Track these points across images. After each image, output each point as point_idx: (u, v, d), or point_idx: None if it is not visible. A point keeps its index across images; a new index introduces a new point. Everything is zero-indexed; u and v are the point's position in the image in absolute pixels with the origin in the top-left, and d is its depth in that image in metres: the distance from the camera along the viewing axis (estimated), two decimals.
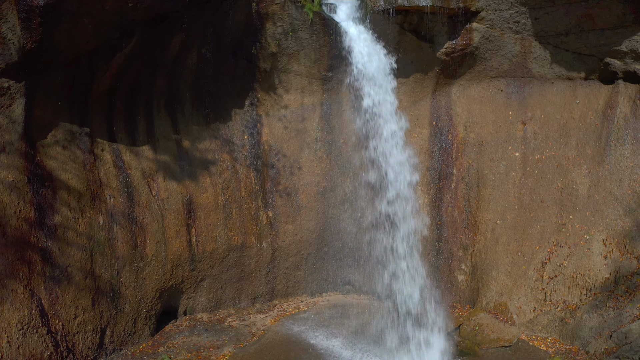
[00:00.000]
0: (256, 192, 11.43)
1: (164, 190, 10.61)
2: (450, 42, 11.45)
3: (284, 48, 11.35)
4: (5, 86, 9.06)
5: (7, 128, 9.14)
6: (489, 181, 11.67)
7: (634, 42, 10.98)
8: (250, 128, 11.60)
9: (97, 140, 10.14)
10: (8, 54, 8.85)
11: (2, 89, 9.04)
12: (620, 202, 10.88)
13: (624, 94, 11.37)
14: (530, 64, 11.85)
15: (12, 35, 8.77)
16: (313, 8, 11.10)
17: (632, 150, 11.02)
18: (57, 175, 9.53)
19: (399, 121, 11.10)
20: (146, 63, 10.38)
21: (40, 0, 8.46)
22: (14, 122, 9.22)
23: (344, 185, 11.75)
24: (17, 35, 8.73)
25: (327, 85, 11.81)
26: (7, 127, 9.14)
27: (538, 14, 11.28)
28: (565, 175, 11.34)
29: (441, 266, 11.74)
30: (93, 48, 9.43)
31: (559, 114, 11.76)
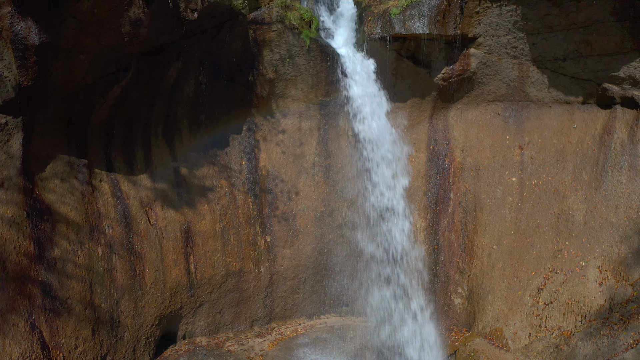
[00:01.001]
0: (254, 217, 11.51)
1: (162, 218, 10.70)
2: (447, 68, 11.43)
3: (281, 74, 11.36)
4: (2, 122, 9.11)
5: (5, 163, 9.21)
6: (486, 206, 11.72)
7: (632, 69, 10.95)
8: (247, 153, 11.65)
9: (95, 171, 10.21)
10: (5, 90, 8.89)
11: (0, 125, 9.11)
12: (617, 228, 10.92)
13: (621, 119, 11.36)
14: (528, 88, 11.83)
15: (8, 73, 8.80)
16: (310, 34, 11.08)
17: (629, 176, 11.04)
18: (56, 208, 9.61)
19: (395, 147, 11.20)
20: (143, 92, 10.41)
21: (35, 39, 8.48)
22: (12, 157, 9.29)
23: (341, 210, 11.81)
24: (13, 72, 8.77)
25: (324, 110, 11.82)
26: (5, 163, 9.21)
27: (536, 40, 11.24)
28: (561, 201, 11.38)
29: (438, 289, 11.84)
30: (89, 83, 9.47)
31: (556, 138, 11.76)
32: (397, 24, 10.68)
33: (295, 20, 10.97)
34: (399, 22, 10.68)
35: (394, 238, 11.44)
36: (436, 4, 10.63)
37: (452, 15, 10.81)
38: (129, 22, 9.18)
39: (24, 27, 8.40)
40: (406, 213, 11.34)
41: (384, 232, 11.48)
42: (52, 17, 8.46)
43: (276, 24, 10.92)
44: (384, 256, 11.55)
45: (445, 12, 10.73)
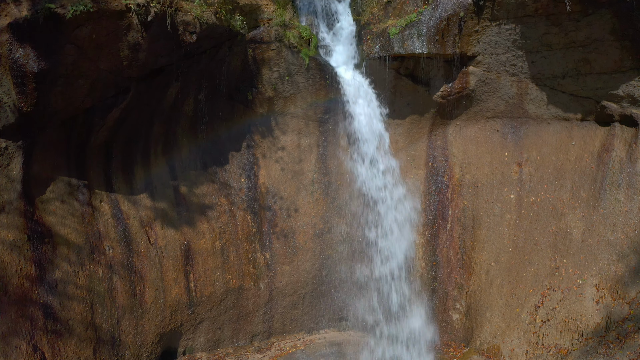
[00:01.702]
0: (253, 234, 11.58)
1: (162, 238, 10.77)
2: (446, 86, 11.43)
3: (280, 92, 11.37)
4: (2, 147, 9.18)
5: (5, 187, 9.28)
6: (484, 223, 11.77)
7: (630, 87, 10.94)
8: (247, 170, 11.70)
9: (95, 192, 10.27)
10: (4, 116, 8.95)
11: (0, 149, 9.17)
12: (614, 247, 10.97)
13: (620, 137, 11.36)
14: (527, 105, 11.83)
15: (8, 99, 8.85)
16: (309, 53, 11.09)
17: (627, 195, 11.07)
18: (57, 230, 9.69)
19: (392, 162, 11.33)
20: (142, 113, 10.45)
21: (34, 67, 8.52)
22: (12, 180, 9.35)
23: (340, 227, 11.88)
24: (12, 98, 8.83)
25: (323, 127, 11.85)
26: (5, 187, 9.28)
27: (535, 58, 11.22)
28: (559, 218, 11.42)
29: (436, 305, 11.92)
30: (89, 106, 9.51)
31: (554, 155, 11.78)
32: (396, 44, 10.67)
33: (294, 39, 10.97)
34: (398, 41, 10.67)
35: (393, 254, 11.54)
36: (435, 24, 10.61)
37: (451, 35, 10.79)
38: (127, 46, 9.21)
39: (23, 54, 8.45)
40: (405, 229, 11.42)
41: (382, 248, 11.57)
42: (51, 44, 8.50)
43: (275, 43, 10.92)
44: (383, 272, 11.65)
45: (444, 31, 10.71)
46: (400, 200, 11.67)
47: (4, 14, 8.27)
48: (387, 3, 11.40)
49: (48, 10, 8.19)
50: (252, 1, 10.69)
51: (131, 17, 8.98)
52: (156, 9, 9.12)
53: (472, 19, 10.74)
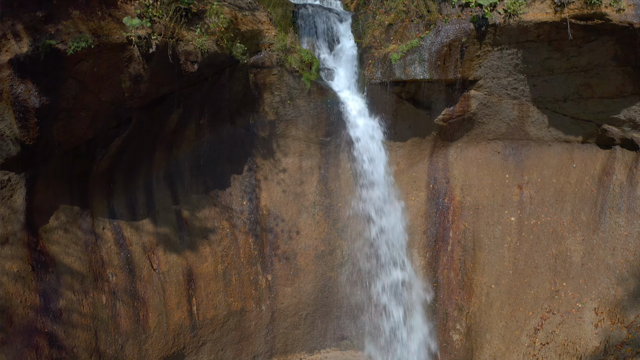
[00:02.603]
0: (255, 257, 11.65)
1: (164, 263, 10.85)
2: (447, 109, 11.43)
3: (282, 115, 11.39)
4: (5, 179, 9.21)
5: (9, 219, 9.32)
6: (485, 245, 11.84)
7: (632, 112, 10.95)
8: (249, 193, 11.74)
9: (98, 219, 10.32)
10: (7, 148, 8.96)
11: (3, 181, 9.18)
12: (613, 271, 11.05)
13: (620, 160, 11.39)
14: (528, 128, 11.84)
15: (10, 132, 8.85)
16: (310, 77, 11.07)
17: (627, 219, 11.12)
18: (60, 259, 9.75)
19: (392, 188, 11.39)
20: (144, 139, 10.46)
21: (35, 102, 8.51)
22: (15, 212, 9.39)
23: (341, 249, 11.95)
24: (14, 132, 8.83)
25: (325, 149, 11.87)
26: (9, 218, 9.32)
27: (536, 82, 11.21)
28: (559, 241, 11.48)
29: (437, 325, 12.03)
30: (91, 137, 9.52)
31: (555, 177, 11.82)
32: (397, 70, 10.65)
33: (295, 64, 10.94)
34: (400, 67, 10.65)
35: (393, 275, 11.65)
36: (437, 49, 10.58)
37: (453, 60, 10.77)
38: (129, 78, 9.20)
39: (24, 89, 8.43)
40: (405, 252, 11.52)
41: (384, 270, 11.67)
42: (52, 79, 8.49)
43: (276, 68, 10.90)
44: (384, 293, 11.77)
45: (445, 56, 10.69)
46: (401, 222, 11.75)
47: (4, 50, 8.24)
48: (388, 26, 11.36)
49: (49, 47, 8.16)
50: (254, 27, 10.65)
51: (132, 49, 8.97)
52: (157, 40, 9.10)
53: (474, 44, 10.71)
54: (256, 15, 10.86)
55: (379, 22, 11.54)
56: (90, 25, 8.64)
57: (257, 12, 10.89)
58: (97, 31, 8.68)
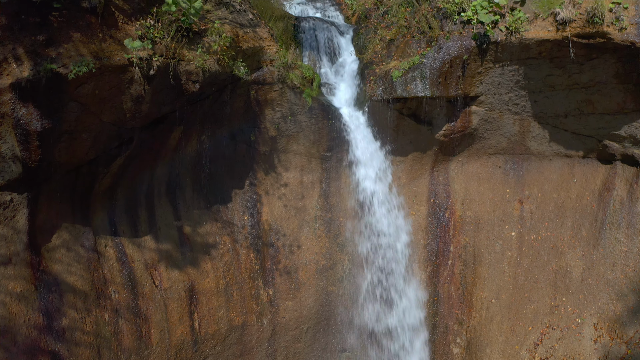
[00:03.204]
0: (256, 272, 11.71)
1: (166, 279, 10.90)
2: (449, 125, 11.42)
3: (283, 130, 11.39)
4: (7, 199, 9.24)
5: (12, 239, 9.36)
6: (485, 260, 11.88)
7: (632, 129, 10.96)
8: (250, 208, 11.77)
9: (100, 237, 10.36)
10: (9, 170, 8.99)
11: (5, 202, 9.21)
12: (613, 286, 11.11)
13: (621, 175, 11.41)
14: (529, 142, 11.85)
15: (12, 154, 8.87)
16: (312, 93, 11.07)
17: (627, 234, 11.16)
18: (63, 278, 9.80)
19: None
20: (146, 157, 10.48)
21: (37, 126, 8.52)
22: (18, 232, 9.43)
23: (342, 263, 12.00)
24: (16, 154, 8.85)
25: (326, 163, 11.88)
26: (12, 238, 9.36)
27: (537, 98, 11.21)
28: (560, 257, 11.53)
29: (437, 339, 12.10)
30: (93, 158, 9.54)
31: (555, 192, 11.84)
32: (399, 87, 10.64)
33: (296, 80, 10.93)
34: (401, 84, 10.64)
35: (393, 290, 11.72)
36: (438, 66, 10.56)
37: (454, 77, 10.75)
38: (130, 99, 9.21)
39: (26, 112, 8.45)
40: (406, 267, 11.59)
41: (384, 284, 11.73)
42: (54, 102, 8.50)
43: (278, 84, 10.90)
44: (384, 307, 11.84)
45: (447, 73, 10.67)
46: (401, 237, 11.80)
47: (5, 74, 8.24)
48: (389, 41, 11.34)
49: (50, 71, 8.16)
50: (255, 43, 10.63)
51: (134, 70, 8.98)
52: (159, 62, 9.10)
53: (475, 61, 10.70)
54: (257, 31, 10.83)
55: (380, 37, 11.51)
56: (92, 47, 8.64)
57: (258, 28, 10.87)
58: (98, 53, 8.68)
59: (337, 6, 13.54)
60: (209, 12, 10.25)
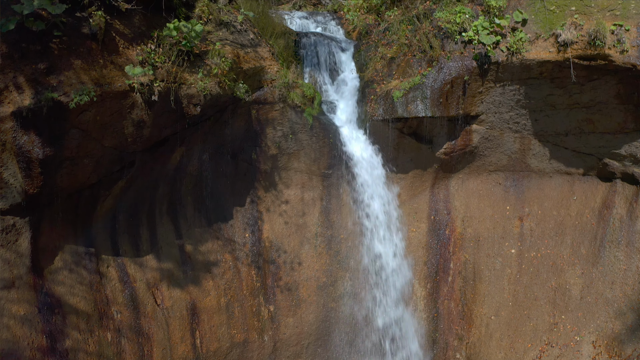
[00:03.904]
0: (257, 289, 11.77)
1: (168, 298, 10.97)
2: (449, 143, 11.44)
3: (284, 149, 11.40)
4: (10, 223, 9.27)
5: (15, 263, 9.41)
6: (485, 277, 11.95)
7: (633, 148, 10.98)
8: (251, 225, 11.81)
9: (102, 257, 10.41)
10: (11, 196, 9.01)
11: (8, 226, 9.26)
12: (612, 304, 11.18)
13: (621, 194, 11.45)
14: (529, 160, 11.87)
15: (14, 181, 8.90)
16: (313, 112, 11.07)
17: (626, 253, 11.22)
18: (66, 300, 9.86)
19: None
20: (147, 177, 10.50)
21: (39, 153, 8.54)
22: (21, 255, 9.48)
23: (343, 280, 12.06)
24: (18, 180, 8.87)
25: (327, 181, 11.91)
26: (15, 262, 9.41)
27: (538, 116, 11.22)
28: (559, 274, 11.60)
29: (437, 355, 12.19)
30: (94, 182, 9.57)
31: (555, 210, 11.89)
32: (399, 107, 10.64)
33: (297, 99, 10.93)
34: (402, 105, 10.64)
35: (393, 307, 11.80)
36: (439, 87, 10.56)
37: (455, 97, 10.76)
38: (131, 123, 9.23)
39: (27, 140, 8.46)
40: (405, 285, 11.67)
41: (384, 301, 11.81)
42: (55, 130, 8.52)
43: (279, 104, 10.89)
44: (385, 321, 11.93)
45: (448, 93, 10.68)
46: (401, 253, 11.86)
47: (6, 102, 8.24)
48: (390, 59, 11.32)
49: (51, 100, 8.17)
50: (256, 64, 10.62)
51: (135, 96, 8.98)
52: (160, 87, 9.09)
53: (476, 81, 10.70)
54: (258, 51, 10.82)
55: (381, 55, 11.50)
56: (92, 74, 8.64)
57: (259, 47, 10.85)
58: (99, 80, 8.68)
59: (337, 20, 13.50)
60: (210, 33, 10.24)
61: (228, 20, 10.46)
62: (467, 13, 10.69)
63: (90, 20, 8.71)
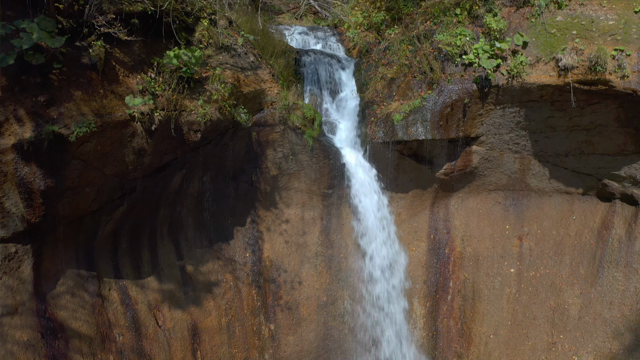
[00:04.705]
0: (258, 308, 11.86)
1: (169, 319, 11.06)
2: (449, 164, 11.46)
3: (284, 169, 11.43)
4: (12, 251, 9.33)
5: (17, 289, 9.49)
6: (484, 296, 12.03)
7: (632, 170, 11.00)
8: (252, 245, 11.87)
9: (104, 280, 10.48)
10: (13, 224, 9.06)
11: (10, 254, 9.32)
12: (610, 325, 11.27)
13: (620, 214, 11.48)
14: (529, 179, 11.89)
15: (16, 210, 8.94)
16: (313, 134, 11.07)
17: (625, 273, 11.28)
18: (68, 324, 9.94)
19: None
20: (148, 201, 10.53)
21: (41, 185, 8.56)
22: (23, 282, 9.55)
23: (343, 299, 12.14)
24: (20, 210, 8.91)
25: (327, 200, 11.95)
26: (17, 289, 9.48)
27: (538, 137, 11.23)
28: (558, 294, 11.67)
29: None
30: (96, 209, 9.61)
31: (555, 229, 11.93)
32: (400, 130, 10.65)
33: (297, 121, 10.93)
34: (402, 128, 10.65)
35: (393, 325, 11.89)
36: (439, 110, 10.55)
37: (455, 119, 10.75)
38: (132, 152, 9.24)
39: (29, 171, 8.48)
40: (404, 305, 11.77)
41: (383, 321, 11.89)
42: (56, 161, 8.52)
43: (279, 126, 10.90)
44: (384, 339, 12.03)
45: (448, 116, 10.67)
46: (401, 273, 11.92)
47: (7, 134, 8.25)
48: (390, 80, 11.31)
49: (52, 134, 8.18)
50: (256, 87, 10.61)
51: (135, 125, 8.99)
52: (160, 116, 9.10)
53: (477, 104, 10.69)
54: (258, 74, 10.80)
55: (381, 75, 11.48)
56: (93, 105, 8.64)
57: (259, 70, 10.83)
58: (99, 110, 8.69)
59: (338, 36, 13.45)
60: (210, 57, 10.22)
61: (228, 44, 10.44)
62: (468, 35, 10.65)
63: (90, 50, 8.69)
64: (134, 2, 9.18)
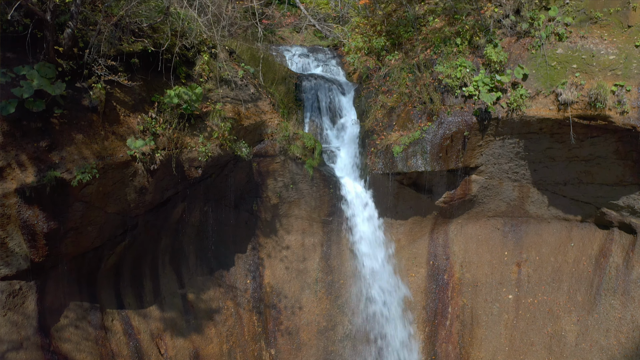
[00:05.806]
0: (259, 333, 12.01)
1: (171, 348, 11.21)
2: (449, 192, 11.52)
3: (285, 198, 11.51)
4: (16, 288, 9.44)
5: (22, 324, 9.61)
6: (483, 321, 12.16)
7: (631, 200, 11.05)
8: (252, 272, 11.99)
9: (107, 312, 10.61)
10: (17, 263, 9.16)
11: (14, 290, 9.43)
12: (606, 352, 11.41)
13: (618, 242, 11.56)
14: (528, 206, 11.96)
15: (19, 250, 9.03)
16: (313, 164, 11.13)
17: (622, 301, 11.39)
18: (73, 357, 10.07)
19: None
20: (150, 233, 10.62)
21: (44, 227, 8.65)
22: (28, 317, 9.67)
23: (343, 324, 12.28)
24: (23, 250, 9.00)
25: (327, 227, 12.03)
26: (22, 324, 9.61)
27: (537, 167, 11.27)
28: (555, 321, 11.80)
29: None
30: (98, 245, 9.70)
31: (553, 256, 12.02)
32: (399, 162, 10.68)
33: (297, 151, 10.98)
34: (402, 160, 10.68)
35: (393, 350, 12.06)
36: (439, 142, 10.58)
37: (455, 151, 10.79)
38: (134, 190, 9.31)
39: (32, 215, 8.56)
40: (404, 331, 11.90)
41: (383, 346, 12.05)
42: (59, 204, 8.59)
43: (279, 156, 10.95)
44: None
45: (447, 148, 10.70)
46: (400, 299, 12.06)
47: (10, 178, 8.30)
48: (391, 109, 11.32)
49: (54, 179, 8.24)
50: (257, 119, 10.64)
51: (137, 165, 9.04)
52: (161, 156, 9.15)
53: (476, 135, 10.72)
54: (259, 105, 10.82)
55: (381, 104, 11.49)
56: (94, 148, 8.69)
57: (259, 101, 10.85)
58: (101, 152, 8.74)
59: (338, 58, 13.43)
60: (211, 91, 10.24)
61: (229, 77, 10.43)
62: (468, 67, 10.64)
63: (90, 93, 8.71)
64: (134, 42, 9.17)
